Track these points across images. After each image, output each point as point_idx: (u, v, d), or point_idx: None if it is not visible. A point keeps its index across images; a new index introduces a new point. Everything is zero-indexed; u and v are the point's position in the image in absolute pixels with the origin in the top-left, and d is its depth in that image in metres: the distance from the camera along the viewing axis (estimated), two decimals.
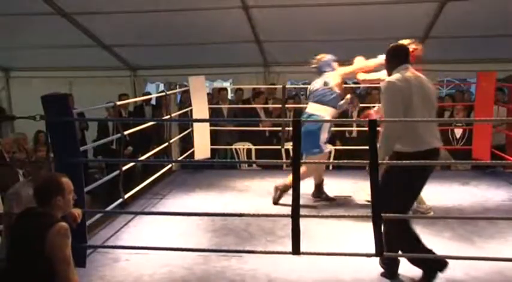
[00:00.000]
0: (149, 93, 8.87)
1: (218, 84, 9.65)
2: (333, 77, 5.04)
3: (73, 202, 2.68)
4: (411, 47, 4.27)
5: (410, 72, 3.25)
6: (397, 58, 3.30)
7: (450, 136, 6.88)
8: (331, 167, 6.86)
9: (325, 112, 4.89)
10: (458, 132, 6.85)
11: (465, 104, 7.16)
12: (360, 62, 4.96)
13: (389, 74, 3.31)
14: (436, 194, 4.60)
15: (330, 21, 7.01)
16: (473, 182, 5.82)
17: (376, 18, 6.88)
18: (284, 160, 6.72)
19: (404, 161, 3.11)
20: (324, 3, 6.74)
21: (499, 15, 6.72)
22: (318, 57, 5.18)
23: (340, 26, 7.07)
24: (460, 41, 7.48)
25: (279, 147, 6.77)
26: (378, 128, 3.09)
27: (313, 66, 5.18)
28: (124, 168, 4.69)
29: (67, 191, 2.59)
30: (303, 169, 5.09)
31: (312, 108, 4.98)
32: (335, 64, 5.15)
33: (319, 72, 5.16)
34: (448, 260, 3.21)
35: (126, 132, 4.95)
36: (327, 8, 6.83)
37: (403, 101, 3.12)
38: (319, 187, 5.21)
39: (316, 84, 5.11)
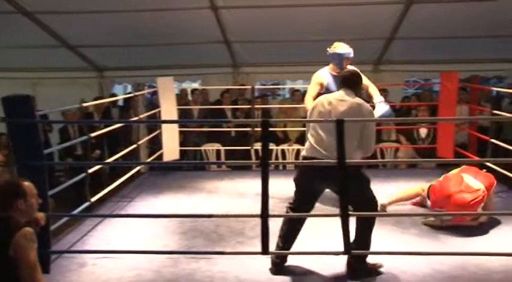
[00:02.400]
0: (115, 95, 8.73)
1: (187, 85, 9.59)
2: (313, 78, 4.77)
3: (38, 206, 2.62)
4: None
5: (340, 95, 3.49)
6: (341, 82, 3.60)
7: (416, 135, 7.03)
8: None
9: None
10: (423, 131, 7.00)
11: (429, 104, 7.33)
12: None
13: None
14: None
15: (297, 22, 7.07)
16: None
17: (344, 19, 6.96)
18: (253, 160, 6.72)
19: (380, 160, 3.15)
20: (291, 4, 6.79)
21: (461, 18, 6.91)
22: (334, 44, 4.70)
23: (309, 27, 7.13)
24: (425, 42, 7.66)
25: (248, 147, 6.78)
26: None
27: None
28: (90, 170, 4.61)
29: (29, 195, 2.53)
30: None
31: None
32: (345, 61, 4.60)
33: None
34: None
35: (92, 135, 4.86)
36: (294, 9, 6.88)
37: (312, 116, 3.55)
38: None
39: None
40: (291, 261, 3.54)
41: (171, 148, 6.52)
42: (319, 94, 4.78)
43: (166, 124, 6.57)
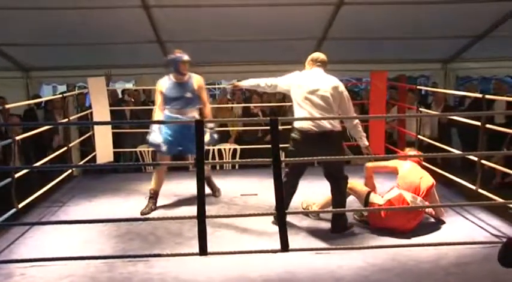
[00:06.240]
0: (39, 96, 8.34)
1: (120, 85, 9.36)
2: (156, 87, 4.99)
3: None
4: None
5: (320, 75, 4.30)
6: (316, 62, 4.39)
7: (348, 133, 7.23)
8: (237, 166, 6.99)
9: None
10: None
11: (360, 102, 7.59)
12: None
13: None
14: None
15: (231, 21, 7.09)
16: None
17: (276, 20, 7.06)
18: (189, 161, 6.65)
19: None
20: (224, 3, 6.79)
21: (388, 20, 7.22)
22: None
23: (241, 27, 7.17)
24: (355, 42, 7.93)
25: None
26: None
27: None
28: (17, 175, 4.36)
29: None
30: None
31: None
32: (181, 65, 4.94)
33: None
34: None
35: (17, 138, 4.62)
36: (228, 9, 6.89)
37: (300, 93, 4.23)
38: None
39: None
40: (231, 260, 3.54)
41: (104, 150, 6.33)
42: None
43: (99, 125, 6.36)
